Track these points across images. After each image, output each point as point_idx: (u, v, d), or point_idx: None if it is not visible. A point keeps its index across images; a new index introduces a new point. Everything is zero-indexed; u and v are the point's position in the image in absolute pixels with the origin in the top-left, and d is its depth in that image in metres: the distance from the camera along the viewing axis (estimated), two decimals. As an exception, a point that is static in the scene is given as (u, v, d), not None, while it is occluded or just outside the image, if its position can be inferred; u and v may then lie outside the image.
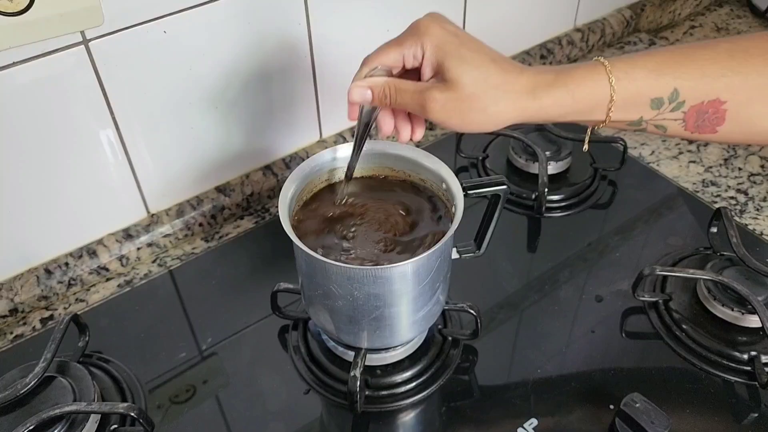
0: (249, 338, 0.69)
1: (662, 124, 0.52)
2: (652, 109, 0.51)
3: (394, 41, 0.53)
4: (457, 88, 0.49)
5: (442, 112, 0.50)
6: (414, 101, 0.51)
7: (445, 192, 0.60)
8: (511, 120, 0.51)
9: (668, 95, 0.50)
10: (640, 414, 0.57)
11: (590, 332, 0.69)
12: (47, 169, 0.67)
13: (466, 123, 0.51)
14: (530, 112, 0.50)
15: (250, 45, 0.73)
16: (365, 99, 0.53)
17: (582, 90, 0.50)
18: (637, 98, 0.51)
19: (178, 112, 0.73)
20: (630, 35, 1.15)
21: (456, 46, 0.50)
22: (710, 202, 0.83)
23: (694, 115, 0.51)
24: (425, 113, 0.51)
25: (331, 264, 0.53)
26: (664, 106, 0.51)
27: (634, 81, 0.50)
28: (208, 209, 0.80)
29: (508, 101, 0.50)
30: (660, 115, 0.51)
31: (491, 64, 0.50)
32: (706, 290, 0.68)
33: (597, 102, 0.51)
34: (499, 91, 0.49)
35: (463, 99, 0.49)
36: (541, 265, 0.76)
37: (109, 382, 0.64)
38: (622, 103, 0.50)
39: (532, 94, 0.50)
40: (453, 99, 0.49)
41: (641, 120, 0.52)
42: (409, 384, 0.64)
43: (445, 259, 0.58)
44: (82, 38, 0.62)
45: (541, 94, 0.50)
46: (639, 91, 0.50)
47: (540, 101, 0.50)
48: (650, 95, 0.50)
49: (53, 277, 0.72)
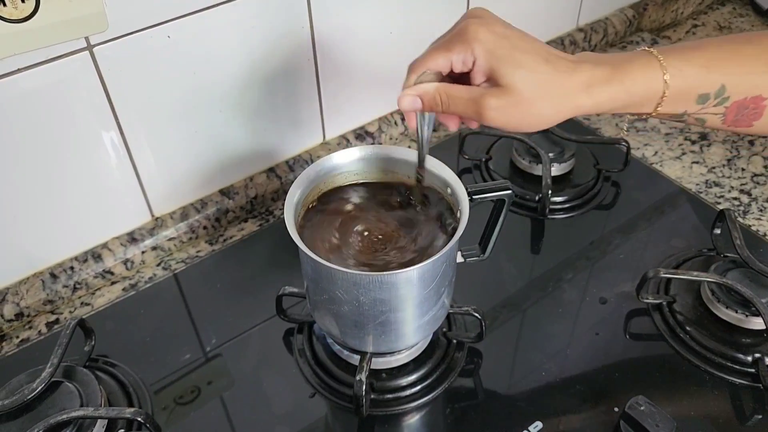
0: (254, 341, 0.69)
1: (703, 118, 0.53)
2: (698, 104, 0.52)
3: (441, 46, 0.51)
4: (513, 93, 0.49)
5: (498, 119, 0.50)
6: (468, 108, 0.51)
7: (451, 196, 0.60)
8: (567, 116, 0.51)
9: (715, 91, 0.51)
10: (645, 417, 0.57)
11: (594, 334, 0.69)
12: (52, 174, 0.67)
13: (523, 125, 0.51)
14: (585, 108, 0.51)
15: (253, 49, 0.73)
16: (415, 107, 0.52)
17: (636, 86, 0.50)
18: (687, 93, 0.51)
19: (182, 116, 0.73)
20: (632, 35, 1.15)
21: (508, 50, 0.49)
22: (713, 203, 0.83)
23: (735, 110, 0.52)
24: (481, 120, 0.51)
25: (337, 270, 0.53)
26: (710, 101, 0.51)
27: (687, 78, 0.51)
28: (212, 212, 0.80)
29: (564, 101, 0.50)
30: (703, 110, 0.52)
31: (545, 66, 0.49)
32: (710, 292, 0.68)
33: (650, 96, 0.51)
34: (555, 93, 0.49)
35: (520, 104, 0.49)
36: (544, 266, 0.76)
37: (115, 386, 0.64)
38: (673, 98, 0.51)
39: (587, 91, 0.50)
40: (510, 105, 0.49)
41: (685, 113, 0.53)
42: (414, 387, 0.64)
43: (451, 264, 0.58)
44: (86, 44, 0.62)
45: (596, 92, 0.50)
46: (689, 87, 0.51)
47: (596, 98, 0.50)
48: (699, 91, 0.51)
49: (58, 281, 0.72)
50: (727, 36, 0.55)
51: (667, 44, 1.14)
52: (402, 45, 0.85)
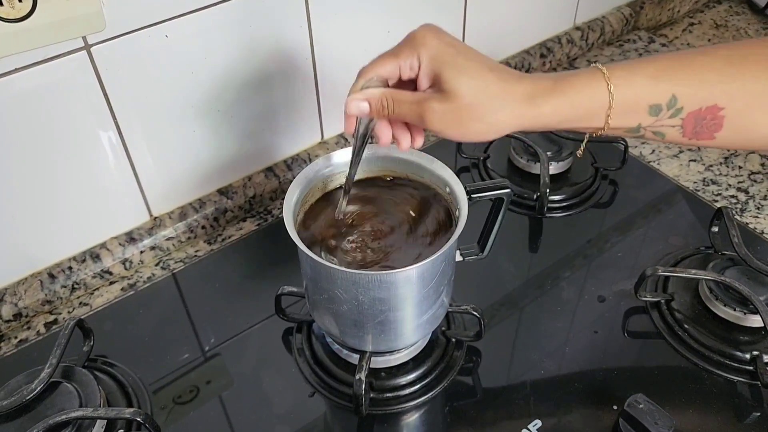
0: (253, 340, 0.69)
1: (660, 131, 0.52)
2: (651, 115, 0.51)
3: (390, 52, 0.52)
4: (455, 98, 0.49)
5: (440, 123, 0.50)
6: (412, 112, 0.51)
7: (449, 195, 0.60)
8: (509, 129, 0.50)
9: (666, 101, 0.50)
10: (644, 415, 0.57)
11: (593, 333, 0.69)
12: (50, 174, 0.67)
13: (464, 132, 0.50)
14: (528, 120, 0.50)
15: (251, 48, 0.73)
16: (362, 111, 0.52)
17: (580, 97, 0.50)
18: (636, 105, 0.50)
19: (180, 116, 0.73)
20: (629, 33, 1.15)
21: (452, 56, 0.50)
22: (711, 201, 0.83)
23: (692, 122, 0.51)
24: (424, 124, 0.51)
25: (336, 269, 0.53)
26: (663, 112, 0.50)
27: (633, 87, 0.50)
28: (210, 212, 0.80)
29: (506, 110, 0.49)
30: (658, 122, 0.51)
31: (489, 73, 0.49)
32: (708, 290, 0.68)
33: (595, 109, 0.50)
34: (497, 99, 0.49)
35: (461, 109, 0.49)
36: (542, 265, 0.76)
37: (114, 386, 0.64)
38: (621, 109, 0.50)
39: (530, 102, 0.49)
40: (451, 109, 0.49)
41: (639, 127, 0.51)
42: (413, 386, 0.64)
43: (450, 263, 0.58)
44: (83, 44, 0.62)
45: (539, 102, 0.49)
46: (637, 98, 0.50)
47: (538, 109, 0.49)
48: (648, 102, 0.50)
49: (57, 282, 0.72)
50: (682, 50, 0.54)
51: (663, 42, 1.14)
52: (400, 44, 0.85)
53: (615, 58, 1.10)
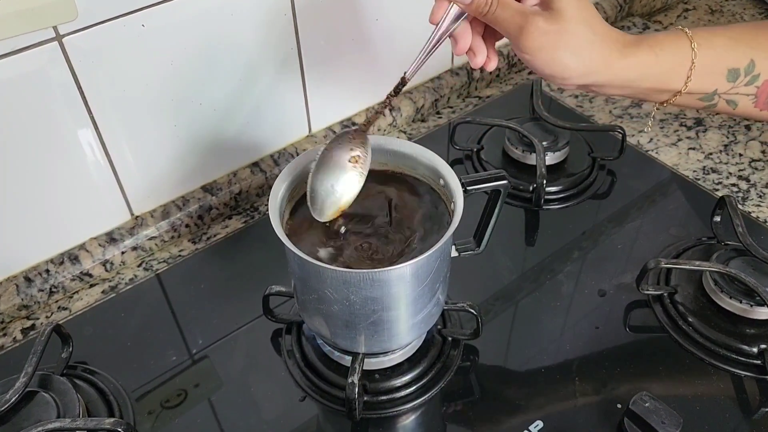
0: (241, 343, 0.67)
1: (734, 99, 0.53)
2: (728, 81, 0.52)
3: None
4: (562, 20, 0.48)
5: (537, 41, 0.49)
6: (514, 20, 0.49)
7: (443, 188, 0.57)
8: (595, 74, 0.50)
9: (745, 66, 0.51)
10: (650, 414, 0.55)
11: (594, 328, 0.67)
12: (24, 173, 0.64)
13: (555, 60, 0.50)
14: (615, 70, 0.50)
15: (233, 37, 0.70)
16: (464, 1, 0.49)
17: (665, 52, 0.51)
18: (715, 67, 0.51)
19: (160, 110, 0.70)
20: (623, 20, 1.13)
21: None
22: (711, 189, 0.81)
23: (766, 91, 0.52)
24: (519, 37, 0.49)
25: (325, 268, 0.50)
26: (740, 78, 0.51)
27: (714, 48, 0.51)
28: (194, 209, 0.78)
29: (600, 52, 0.50)
30: (734, 89, 0.52)
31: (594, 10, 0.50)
32: (713, 282, 0.66)
33: (677, 66, 0.51)
34: (597, 37, 0.49)
35: (563, 33, 0.48)
36: (540, 259, 0.74)
37: (94, 394, 0.61)
38: (701, 70, 0.51)
39: (620, 51, 0.50)
40: (554, 31, 0.48)
41: (715, 93, 0.52)
42: (408, 388, 0.61)
43: (445, 259, 0.56)
44: (54, 34, 0.59)
45: (628, 53, 0.50)
46: (718, 59, 0.51)
47: (626, 60, 0.50)
48: (728, 64, 0.51)
49: (33, 285, 0.69)
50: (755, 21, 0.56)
51: (658, 28, 1.11)
52: (388, 32, 0.82)
53: (609, 46, 1.07)
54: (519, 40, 0.49)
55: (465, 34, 0.52)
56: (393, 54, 0.84)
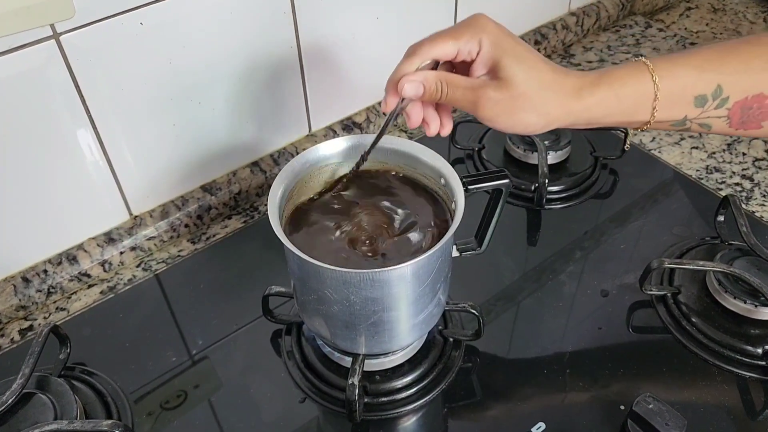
0: (240, 343, 0.66)
1: (707, 123, 0.52)
2: (696, 107, 0.51)
3: (449, 33, 0.50)
4: (512, 87, 0.49)
5: (493, 111, 0.50)
6: (465, 98, 0.50)
7: (444, 187, 0.57)
8: (557, 122, 0.51)
9: (712, 92, 0.50)
10: (654, 415, 0.54)
11: (597, 329, 0.66)
12: (21, 172, 0.64)
13: (515, 123, 0.50)
14: (576, 113, 0.50)
15: (232, 35, 0.70)
16: (417, 94, 0.50)
17: (626, 89, 0.50)
18: (681, 96, 0.51)
19: (159, 109, 0.69)
20: (625, 18, 1.12)
21: (512, 44, 0.50)
22: (715, 189, 0.80)
23: (738, 112, 0.51)
24: (476, 110, 0.50)
25: (325, 268, 0.50)
26: (708, 103, 0.51)
27: (678, 78, 0.50)
28: (193, 209, 0.77)
29: (557, 102, 0.50)
30: (704, 113, 0.51)
31: (543, 65, 0.50)
32: (717, 282, 0.65)
33: (641, 101, 0.51)
34: (549, 91, 0.49)
35: (516, 98, 0.49)
36: (542, 259, 0.73)
37: (92, 396, 0.61)
38: (666, 101, 0.50)
39: (578, 95, 0.50)
40: (506, 98, 0.49)
41: (685, 119, 0.52)
42: (409, 389, 0.61)
43: (446, 259, 0.55)
44: (52, 32, 0.58)
45: (585, 95, 0.50)
46: (683, 89, 0.50)
47: (585, 102, 0.50)
48: (694, 92, 0.50)
49: (31, 286, 0.69)
50: (724, 41, 0.54)
51: (660, 27, 1.11)
52: (389, 30, 0.82)
53: (611, 45, 1.06)
54: (476, 113, 0.50)
55: (416, 110, 0.53)
56: (394, 52, 0.83)
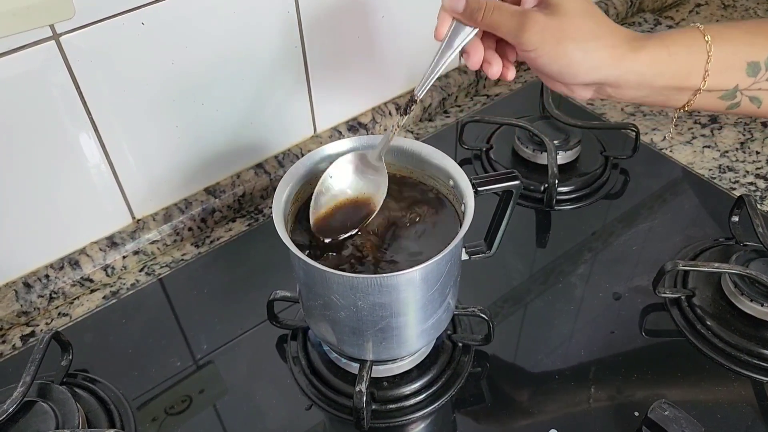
0: (245, 349, 0.65)
1: (757, 96, 0.50)
2: (749, 75, 0.49)
3: None
4: (563, 12, 0.46)
5: (539, 36, 0.46)
6: (512, 21, 0.47)
7: (453, 189, 0.55)
8: (604, 68, 0.47)
9: (765, 59, 0.48)
10: (670, 422, 0.53)
11: (609, 333, 0.64)
12: (22, 176, 0.63)
13: (559, 55, 0.47)
14: (626, 65, 0.47)
15: (236, 36, 0.68)
16: (455, 8, 0.47)
17: (677, 46, 0.48)
18: (734, 60, 0.49)
19: (161, 110, 0.68)
20: (634, 15, 1.10)
21: None
22: (728, 189, 0.78)
23: None
24: (521, 34, 0.46)
25: (331, 273, 0.48)
26: (761, 72, 0.49)
27: (730, 41, 0.48)
28: (197, 212, 0.76)
29: (607, 41, 0.47)
30: (756, 84, 0.49)
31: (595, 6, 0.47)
32: (732, 284, 0.63)
33: (693, 60, 0.48)
34: (601, 28, 0.46)
35: (565, 25, 0.46)
36: (553, 261, 0.72)
37: (95, 403, 0.60)
38: (719, 65, 0.48)
39: (630, 44, 0.47)
40: (555, 24, 0.46)
41: (736, 89, 0.50)
42: (418, 396, 0.60)
43: (455, 263, 0.54)
44: (51, 33, 0.57)
45: (638, 46, 0.47)
46: (735, 52, 0.48)
47: (637, 54, 0.47)
48: (746, 58, 0.48)
49: (33, 291, 0.68)
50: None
51: (670, 24, 1.09)
52: (395, 30, 0.80)
53: (620, 42, 1.05)
54: (520, 37, 0.47)
55: (477, 49, 0.50)
56: (399, 52, 0.82)
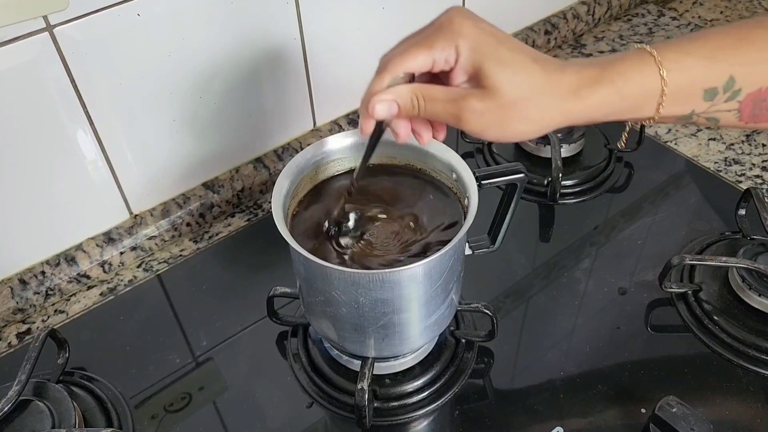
0: (245, 346, 0.64)
1: (715, 117, 0.47)
2: (705, 100, 0.46)
3: (420, 42, 0.45)
4: (498, 95, 0.43)
5: (479, 124, 0.44)
6: (446, 112, 0.45)
7: (456, 182, 0.54)
8: (554, 126, 0.45)
9: (723, 84, 0.45)
10: (678, 420, 0.52)
11: (615, 328, 0.63)
12: (16, 171, 0.62)
13: (507, 133, 0.45)
14: (575, 115, 0.45)
15: (234, 28, 0.67)
16: (391, 114, 0.46)
17: (630, 86, 0.45)
18: (690, 90, 0.46)
19: (158, 104, 0.67)
20: (637, 7, 1.09)
21: (494, 46, 0.44)
22: (734, 181, 0.77)
23: (750, 104, 0.46)
24: (460, 124, 0.45)
25: (332, 268, 0.47)
26: (718, 96, 0.46)
27: (687, 71, 0.45)
28: (195, 207, 0.75)
29: (553, 105, 0.44)
30: (713, 107, 0.46)
31: (533, 65, 0.44)
32: (740, 279, 0.62)
33: (646, 97, 0.45)
34: (544, 95, 0.44)
35: (504, 107, 0.43)
36: (556, 256, 0.71)
37: (92, 402, 0.59)
38: (674, 96, 0.45)
39: (576, 94, 0.44)
40: (493, 108, 0.43)
41: (692, 114, 0.47)
42: (421, 393, 0.59)
43: (459, 258, 0.53)
44: (45, 24, 0.56)
45: (585, 94, 0.44)
46: (692, 82, 0.45)
47: (585, 102, 0.44)
48: (704, 85, 0.45)
49: (29, 288, 0.67)
50: (733, 23, 0.49)
51: (673, 15, 1.08)
52: (395, 21, 0.79)
53: (623, 34, 1.04)
54: (460, 125, 0.45)
55: (403, 125, 0.48)
56: (400, 44, 0.81)
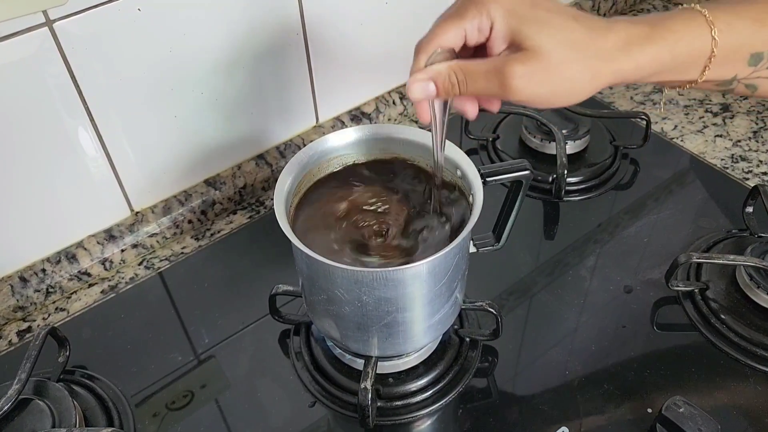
0: (247, 344, 0.64)
1: (754, 83, 0.46)
2: (750, 65, 0.45)
3: (450, 15, 0.44)
4: (542, 55, 0.41)
5: (526, 89, 0.42)
6: (490, 83, 0.43)
7: (461, 179, 0.53)
8: (604, 84, 0.44)
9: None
10: (685, 420, 0.52)
11: (621, 327, 0.63)
12: (16, 167, 0.61)
13: (556, 96, 0.43)
14: (625, 73, 0.44)
15: (235, 22, 0.67)
16: (429, 94, 0.44)
17: (681, 45, 0.44)
18: (737, 54, 0.45)
19: (159, 99, 0.66)
20: (642, 2, 1.08)
21: (529, 8, 0.42)
22: (741, 179, 0.77)
23: None
24: (507, 93, 0.43)
25: (335, 266, 0.47)
26: (763, 62, 0.45)
27: (737, 34, 0.44)
28: (197, 205, 0.75)
29: (601, 64, 0.43)
30: (755, 73, 0.46)
31: (574, 24, 0.42)
32: (748, 277, 0.62)
33: (695, 57, 0.45)
34: (590, 54, 0.42)
35: (549, 69, 0.42)
36: (561, 254, 0.70)
37: (92, 401, 0.58)
38: (721, 59, 0.44)
39: (625, 51, 0.43)
40: (539, 70, 0.42)
41: (734, 79, 0.46)
42: (424, 392, 0.58)
43: (464, 256, 0.52)
44: (44, 19, 0.55)
45: (635, 51, 0.43)
46: (740, 46, 0.44)
47: (636, 59, 0.43)
48: (750, 49, 0.45)
49: (29, 286, 0.66)
50: None
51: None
52: (399, 16, 0.79)
53: (628, 29, 1.02)
54: (506, 95, 0.43)
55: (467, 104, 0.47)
56: (403, 39, 0.80)
